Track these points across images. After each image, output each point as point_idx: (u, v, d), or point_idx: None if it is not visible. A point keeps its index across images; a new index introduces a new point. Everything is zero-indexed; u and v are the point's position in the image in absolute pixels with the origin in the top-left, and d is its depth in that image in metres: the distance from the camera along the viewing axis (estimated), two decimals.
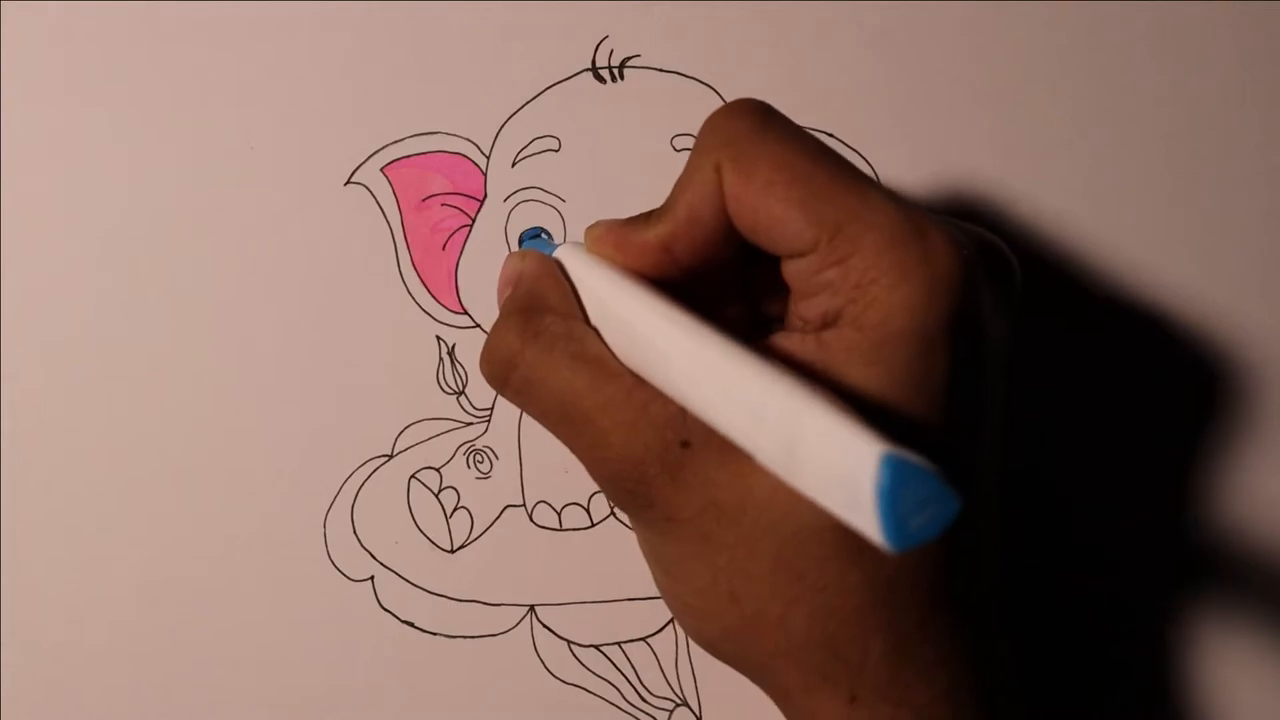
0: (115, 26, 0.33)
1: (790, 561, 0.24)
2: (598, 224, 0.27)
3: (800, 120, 0.34)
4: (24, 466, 0.33)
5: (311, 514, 0.33)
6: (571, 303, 0.27)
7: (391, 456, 0.34)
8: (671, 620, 0.34)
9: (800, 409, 0.21)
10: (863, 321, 0.23)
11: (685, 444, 0.24)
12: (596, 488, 0.34)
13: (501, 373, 0.27)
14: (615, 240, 0.26)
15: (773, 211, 0.24)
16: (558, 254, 0.28)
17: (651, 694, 0.34)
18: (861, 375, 0.23)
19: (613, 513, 0.34)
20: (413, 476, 0.34)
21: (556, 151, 0.34)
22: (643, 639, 0.34)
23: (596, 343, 0.26)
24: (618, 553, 0.34)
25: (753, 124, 0.25)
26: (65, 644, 0.33)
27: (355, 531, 0.34)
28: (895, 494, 0.19)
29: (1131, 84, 0.35)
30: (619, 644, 0.34)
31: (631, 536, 0.34)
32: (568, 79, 0.34)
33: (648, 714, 0.34)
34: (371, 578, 0.34)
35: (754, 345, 0.24)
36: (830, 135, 0.34)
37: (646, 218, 0.26)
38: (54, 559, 0.33)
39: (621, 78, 0.34)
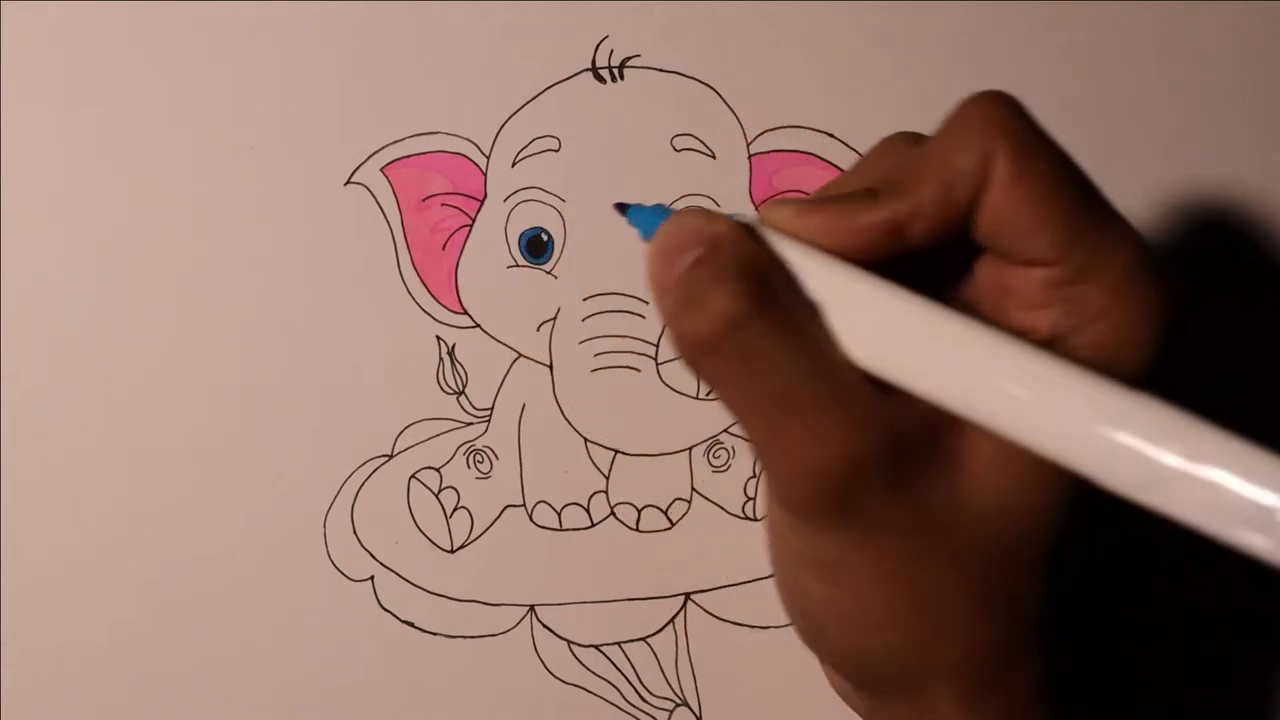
0: (115, 27, 0.33)
1: (991, 578, 0.23)
2: (786, 203, 0.24)
3: (800, 120, 0.34)
4: (24, 466, 0.33)
5: (311, 514, 0.33)
6: (794, 280, 0.23)
7: (391, 456, 0.34)
8: (671, 620, 0.34)
9: (1198, 439, 0.20)
10: (1100, 345, 0.23)
11: (908, 451, 0.23)
12: (597, 488, 0.34)
13: (714, 337, 0.22)
14: (824, 220, 0.23)
15: (1034, 213, 0.23)
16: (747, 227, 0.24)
17: (651, 694, 0.34)
18: None
19: (613, 512, 0.34)
20: (413, 476, 0.34)
21: (556, 151, 0.34)
22: (643, 639, 0.34)
23: (817, 321, 0.23)
24: (618, 553, 0.34)
25: (1027, 120, 0.23)
26: (65, 644, 0.33)
27: (355, 531, 0.34)
28: None
29: (1132, 84, 0.35)
30: (619, 644, 0.34)
31: (632, 536, 0.34)
32: (568, 79, 0.34)
33: (648, 714, 0.34)
34: (371, 578, 0.34)
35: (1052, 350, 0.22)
36: (830, 135, 0.34)
37: (869, 196, 0.24)
38: (54, 559, 0.33)
39: (621, 78, 0.34)
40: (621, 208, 0.26)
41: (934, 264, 0.24)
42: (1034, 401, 0.21)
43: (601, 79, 0.34)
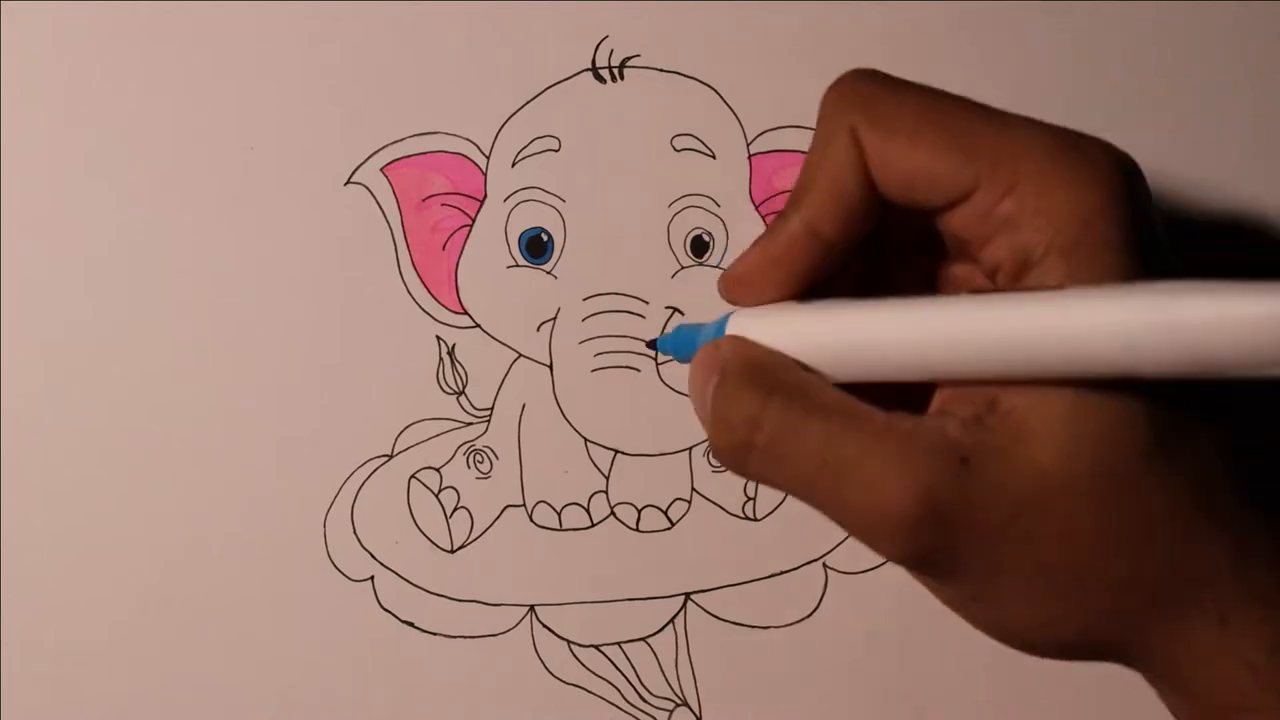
0: (115, 27, 0.33)
1: (1115, 518, 0.23)
2: (724, 272, 0.26)
3: (800, 120, 0.34)
4: (24, 466, 0.33)
5: (311, 514, 0.33)
6: (785, 360, 0.25)
7: (391, 456, 0.34)
8: (671, 620, 0.34)
9: (1182, 313, 0.19)
10: (1062, 245, 0.22)
11: (964, 460, 0.22)
12: (597, 487, 0.34)
13: (743, 441, 0.24)
14: (757, 262, 0.25)
15: (924, 160, 0.23)
16: (731, 329, 0.26)
17: (651, 694, 0.34)
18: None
19: (613, 512, 0.34)
20: (413, 476, 0.34)
21: (556, 151, 0.34)
22: (643, 639, 0.34)
23: (835, 393, 0.24)
24: (618, 553, 0.34)
25: (880, 84, 0.24)
26: (65, 644, 0.33)
27: (355, 531, 0.34)
28: None
29: (1132, 84, 0.35)
30: (619, 644, 0.34)
31: (632, 536, 0.34)
32: (568, 79, 0.34)
33: (648, 714, 0.34)
34: (371, 578, 0.34)
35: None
36: None
37: (782, 216, 0.25)
38: (54, 559, 0.33)
39: (621, 78, 0.34)
40: (652, 344, 0.33)
41: (910, 267, 0.26)
42: (1028, 329, 0.21)
43: (601, 79, 0.34)
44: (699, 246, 0.34)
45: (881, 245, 0.27)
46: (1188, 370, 0.20)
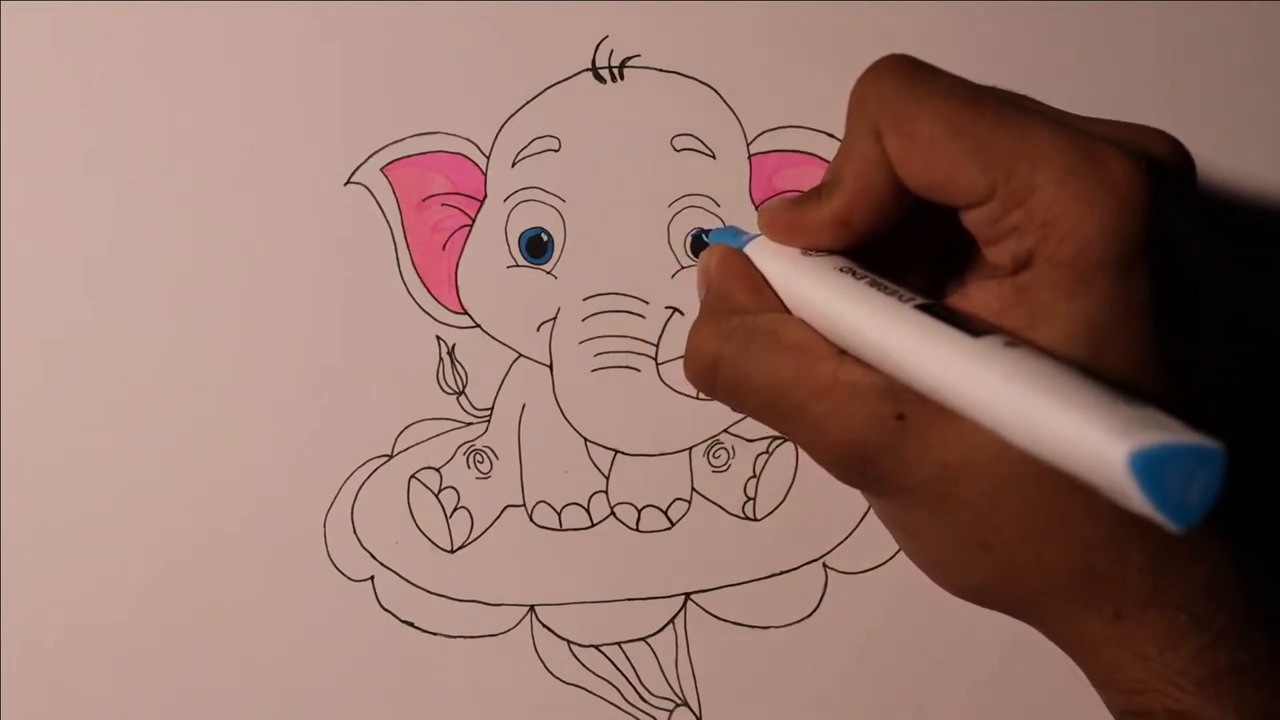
0: (115, 27, 0.33)
1: (1035, 505, 0.24)
2: (767, 208, 0.28)
3: (800, 120, 0.34)
4: (24, 466, 0.33)
5: (311, 514, 0.33)
6: (762, 296, 0.27)
7: (391, 456, 0.34)
8: (671, 620, 0.34)
9: (1033, 412, 0.20)
10: (1057, 258, 0.23)
11: (900, 416, 0.24)
12: (597, 487, 0.34)
13: (707, 378, 0.27)
14: (788, 224, 0.27)
15: (941, 168, 0.24)
16: (748, 249, 0.28)
17: (651, 694, 0.34)
18: (1067, 311, 0.23)
19: (613, 512, 0.34)
20: (413, 476, 0.34)
21: (556, 151, 0.34)
22: (643, 639, 0.34)
23: (794, 329, 0.26)
24: (618, 553, 0.34)
25: (902, 83, 0.25)
26: (65, 644, 0.33)
27: (355, 531, 0.34)
28: (1161, 485, 0.18)
29: (1132, 84, 0.35)
30: (619, 644, 0.34)
31: (632, 536, 0.34)
32: (568, 79, 0.34)
33: (648, 714, 0.34)
34: (371, 578, 0.34)
35: (960, 314, 0.23)
36: (830, 135, 0.34)
37: (816, 195, 0.26)
38: (54, 559, 0.33)
39: (621, 78, 0.34)
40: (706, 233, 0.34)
41: (938, 214, 0.25)
42: (937, 386, 0.23)
43: (601, 79, 0.34)
44: (699, 246, 0.34)
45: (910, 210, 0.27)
46: (1049, 459, 0.20)
